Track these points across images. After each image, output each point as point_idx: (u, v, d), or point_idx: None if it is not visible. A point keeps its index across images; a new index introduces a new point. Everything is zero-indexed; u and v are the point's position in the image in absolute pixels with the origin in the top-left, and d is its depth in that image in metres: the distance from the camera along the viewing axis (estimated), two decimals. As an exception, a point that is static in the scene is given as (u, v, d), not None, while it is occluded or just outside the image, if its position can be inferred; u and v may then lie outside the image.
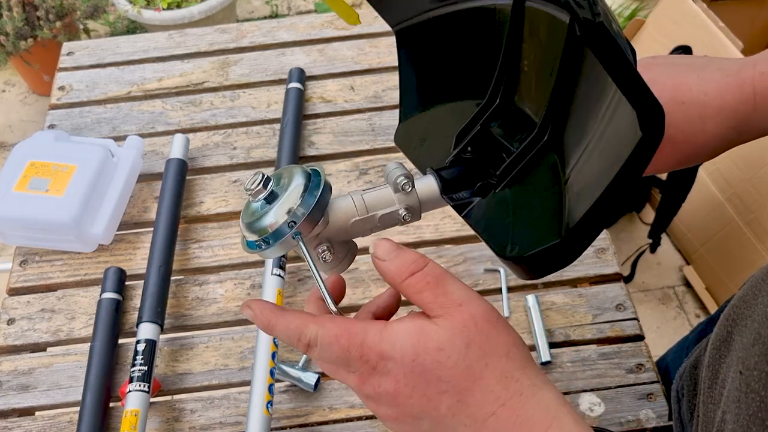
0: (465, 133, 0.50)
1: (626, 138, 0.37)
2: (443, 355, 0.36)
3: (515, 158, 0.46)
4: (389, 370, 0.37)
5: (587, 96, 0.42)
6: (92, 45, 1.08)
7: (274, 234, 0.42)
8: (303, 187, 0.42)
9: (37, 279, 0.83)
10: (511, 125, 0.48)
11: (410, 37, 0.55)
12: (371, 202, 0.45)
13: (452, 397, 0.37)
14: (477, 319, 0.37)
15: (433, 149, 0.52)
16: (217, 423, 0.72)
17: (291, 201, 0.41)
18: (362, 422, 0.71)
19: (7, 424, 0.73)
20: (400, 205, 0.45)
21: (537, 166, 0.45)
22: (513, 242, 0.44)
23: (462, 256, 0.82)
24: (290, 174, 0.43)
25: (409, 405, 0.37)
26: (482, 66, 0.51)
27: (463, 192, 0.48)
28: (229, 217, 0.87)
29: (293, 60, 1.04)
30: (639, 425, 0.70)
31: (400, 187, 0.44)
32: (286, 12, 2.52)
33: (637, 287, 1.76)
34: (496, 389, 0.37)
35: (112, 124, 0.97)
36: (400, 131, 0.57)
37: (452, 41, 0.53)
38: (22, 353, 0.77)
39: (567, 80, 0.42)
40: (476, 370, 0.36)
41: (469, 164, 0.49)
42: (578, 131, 0.43)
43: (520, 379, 0.37)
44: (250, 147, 0.94)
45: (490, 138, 0.49)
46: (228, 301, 0.80)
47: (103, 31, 2.31)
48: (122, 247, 0.85)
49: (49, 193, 0.81)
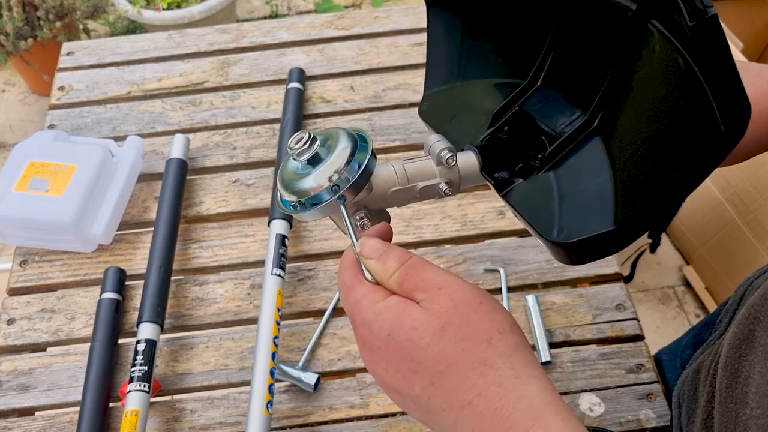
0: (502, 112, 0.49)
1: (705, 132, 0.36)
2: (416, 334, 0.35)
3: (563, 142, 0.45)
4: (366, 338, 0.37)
5: (650, 85, 0.40)
6: (92, 45, 1.08)
7: (315, 197, 0.40)
8: (350, 151, 0.41)
9: (37, 279, 0.83)
10: (550, 108, 0.47)
11: (447, 6, 0.54)
12: (413, 172, 0.44)
13: (425, 379, 0.35)
14: (457, 302, 0.36)
15: (464, 126, 0.51)
16: (217, 423, 0.72)
17: (336, 165, 0.40)
18: (362, 422, 0.71)
19: (7, 424, 0.73)
20: (441, 178, 0.45)
21: (585, 152, 0.45)
22: (561, 226, 0.43)
23: (462, 256, 0.82)
24: (336, 136, 0.42)
25: (386, 378, 0.37)
26: (524, 45, 0.50)
27: (503, 172, 0.47)
28: (229, 217, 0.87)
29: (293, 60, 1.04)
30: (639, 425, 0.70)
31: (444, 161, 0.44)
32: (286, 12, 2.51)
33: (637, 287, 1.76)
34: (471, 376, 0.35)
35: (112, 124, 0.97)
36: (425, 105, 0.56)
37: (493, 15, 0.52)
38: (22, 353, 0.77)
39: (625, 68, 0.41)
40: (450, 354, 0.35)
41: (507, 144, 0.48)
42: (636, 120, 0.42)
43: (501, 368, 0.35)
44: (250, 147, 0.94)
45: (527, 119, 0.48)
46: (228, 301, 0.80)
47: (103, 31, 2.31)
48: (122, 247, 0.85)
49: (49, 193, 0.81)
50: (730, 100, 0.35)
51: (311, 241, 0.84)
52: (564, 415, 0.34)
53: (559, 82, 0.48)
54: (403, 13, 1.09)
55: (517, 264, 0.81)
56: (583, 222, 0.42)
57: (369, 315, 0.37)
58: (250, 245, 0.84)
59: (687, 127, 0.38)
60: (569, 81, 0.48)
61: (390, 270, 0.38)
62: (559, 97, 0.48)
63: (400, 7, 1.10)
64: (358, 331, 0.38)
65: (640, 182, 0.41)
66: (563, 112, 0.47)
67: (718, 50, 0.34)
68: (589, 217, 0.42)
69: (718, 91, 0.35)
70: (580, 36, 0.46)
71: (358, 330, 0.38)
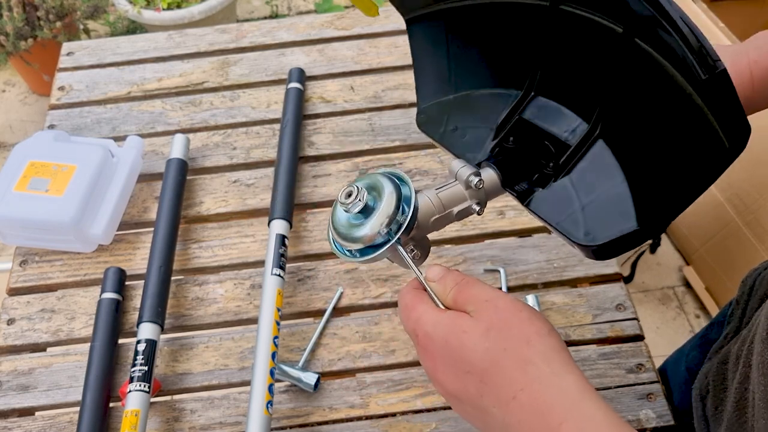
0: (505, 123, 0.53)
1: (709, 147, 0.40)
2: (466, 337, 0.40)
3: (573, 150, 0.48)
4: (427, 348, 0.43)
5: (649, 97, 0.44)
6: (92, 45, 1.08)
7: (373, 244, 0.45)
8: (396, 196, 0.45)
9: (37, 279, 0.83)
10: (549, 115, 0.51)
11: (428, 24, 0.57)
12: (447, 200, 0.48)
13: (476, 377, 0.40)
14: (500, 311, 0.41)
15: (468, 137, 0.55)
16: (217, 423, 0.72)
17: (388, 212, 0.44)
18: (362, 422, 0.71)
19: (7, 424, 0.73)
20: (472, 200, 0.49)
21: (593, 158, 0.48)
22: (586, 229, 0.47)
23: (462, 256, 0.82)
24: (379, 183, 0.46)
25: (446, 383, 0.42)
26: (513, 57, 0.53)
27: (522, 183, 0.51)
28: (229, 217, 0.87)
29: (293, 60, 1.04)
30: (639, 425, 0.70)
31: (473, 185, 0.47)
32: (286, 12, 2.52)
33: (637, 287, 1.76)
34: (514, 374, 0.39)
35: (112, 124, 0.97)
36: (422, 117, 0.59)
37: (478, 30, 0.54)
38: (22, 353, 0.77)
39: (623, 81, 0.45)
40: (494, 353, 0.39)
41: (518, 154, 0.52)
42: (640, 127, 0.46)
43: (540, 366, 0.39)
44: (250, 147, 0.94)
45: (530, 128, 0.51)
46: (228, 301, 0.80)
47: (103, 32, 2.31)
48: (122, 247, 0.85)
49: (49, 193, 0.81)
50: (733, 127, 0.38)
51: (311, 241, 0.84)
52: (599, 403, 0.38)
53: (553, 90, 0.51)
54: (403, 13, 1.09)
55: (517, 264, 0.81)
56: (607, 224, 0.46)
57: (428, 327, 0.42)
58: (250, 245, 0.84)
59: (691, 139, 0.42)
60: (564, 89, 0.51)
61: (447, 289, 0.44)
62: (555, 104, 0.51)
63: (400, 8, 1.10)
64: (420, 343, 0.43)
65: (652, 184, 0.44)
66: (563, 119, 0.50)
67: (726, 95, 0.38)
68: (611, 218, 0.45)
69: (724, 121, 0.39)
70: (571, 47, 0.49)
71: (420, 343, 0.43)
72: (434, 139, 0.58)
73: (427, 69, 0.60)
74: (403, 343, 0.76)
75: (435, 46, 0.59)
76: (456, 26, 0.56)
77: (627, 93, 0.46)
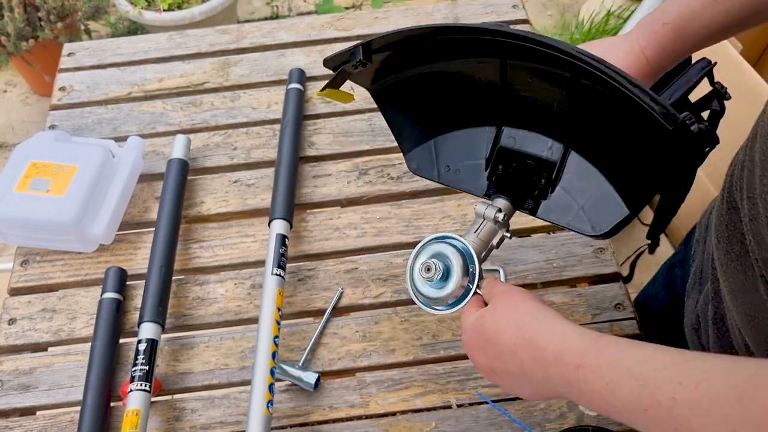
0: (490, 154, 0.64)
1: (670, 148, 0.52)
2: (484, 321, 0.53)
3: (559, 166, 0.61)
4: (467, 339, 0.55)
5: (604, 113, 0.56)
6: (93, 46, 1.08)
7: (460, 298, 0.57)
8: (461, 256, 0.58)
9: (38, 279, 0.83)
10: (522, 140, 0.63)
11: (397, 87, 0.67)
12: (486, 237, 0.60)
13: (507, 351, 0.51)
14: (505, 296, 0.54)
15: (462, 173, 0.67)
16: (218, 422, 0.72)
17: (460, 273, 0.57)
18: (362, 421, 0.72)
19: (8, 423, 0.73)
20: (501, 231, 0.61)
21: (573, 167, 0.60)
22: (592, 224, 0.60)
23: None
24: (441, 250, 0.58)
25: (482, 362, 0.54)
26: (481, 100, 0.64)
27: (528, 201, 0.63)
28: (229, 217, 0.88)
29: (293, 61, 1.04)
30: (638, 424, 0.70)
31: (500, 221, 0.60)
32: (286, 13, 2.52)
33: (636, 288, 1.75)
34: (511, 339, 0.51)
35: (112, 124, 0.98)
36: (412, 163, 0.69)
37: (446, 85, 0.65)
38: (23, 353, 0.78)
39: (578, 106, 0.57)
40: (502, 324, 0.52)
41: (513, 178, 0.63)
42: (603, 137, 0.58)
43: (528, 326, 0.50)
44: (250, 147, 0.94)
45: (513, 154, 0.63)
46: (228, 301, 0.80)
47: (104, 32, 2.31)
48: (123, 247, 0.85)
49: (50, 194, 0.81)
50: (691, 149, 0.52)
51: (311, 241, 0.85)
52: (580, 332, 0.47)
53: (521, 119, 0.62)
54: (402, 14, 1.09)
55: (516, 264, 0.81)
56: (606, 215, 0.59)
57: (467, 324, 0.55)
58: (250, 245, 0.85)
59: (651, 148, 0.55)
60: (530, 117, 0.62)
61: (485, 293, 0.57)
62: (525, 131, 0.63)
63: (399, 8, 1.11)
64: (464, 338, 0.56)
65: (628, 176, 0.58)
66: (537, 141, 0.62)
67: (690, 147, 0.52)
68: (608, 210, 0.59)
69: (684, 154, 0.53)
70: (526, 86, 0.60)
71: (464, 338, 0.56)
72: (433, 180, 0.68)
73: (402, 124, 0.69)
74: (403, 343, 0.76)
75: (404, 104, 0.68)
76: (418, 84, 0.65)
77: (584, 113, 0.57)
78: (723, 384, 0.37)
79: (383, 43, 0.59)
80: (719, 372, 0.38)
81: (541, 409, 0.71)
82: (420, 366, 0.75)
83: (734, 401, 0.36)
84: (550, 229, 0.84)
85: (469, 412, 0.72)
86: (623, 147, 0.57)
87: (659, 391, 0.39)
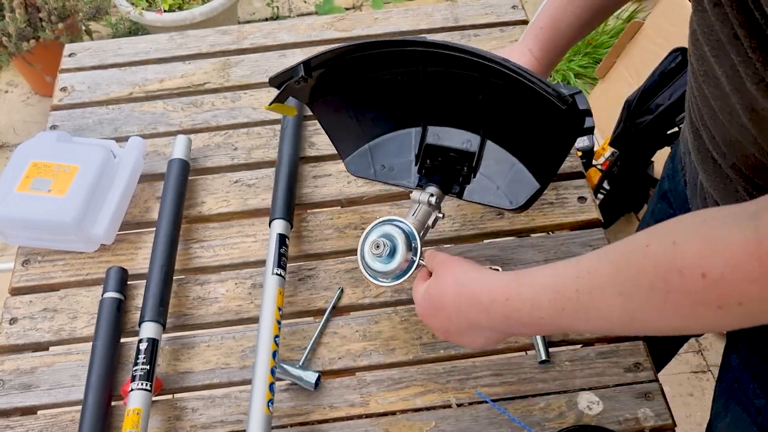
0: (418, 152, 0.75)
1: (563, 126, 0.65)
2: (431, 289, 0.61)
3: (478, 155, 0.73)
4: (420, 306, 0.63)
5: (511, 106, 0.68)
6: (94, 46, 1.09)
7: (404, 271, 0.66)
8: (404, 235, 0.65)
9: (39, 279, 0.83)
10: (445, 136, 0.75)
11: (330, 100, 0.75)
12: (422, 218, 0.69)
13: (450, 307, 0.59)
14: (444, 262, 0.62)
15: (396, 170, 0.77)
16: (219, 421, 0.72)
17: (404, 248, 0.65)
18: (362, 420, 0.72)
19: (10, 423, 0.73)
20: (435, 212, 0.71)
21: (489, 154, 0.73)
22: (510, 199, 0.72)
23: (462, 256, 0.82)
24: (388, 231, 0.66)
25: (434, 323, 0.62)
26: (406, 105, 0.74)
27: (455, 186, 0.74)
28: (230, 217, 0.88)
29: (294, 61, 1.04)
30: (637, 424, 0.70)
31: (433, 203, 0.70)
32: (286, 14, 2.52)
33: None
34: (455, 298, 0.59)
35: (113, 124, 0.98)
36: (351, 166, 0.79)
37: (374, 93, 0.75)
38: (25, 352, 0.78)
39: (490, 101, 0.69)
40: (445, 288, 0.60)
41: (440, 169, 0.74)
42: (511, 125, 0.71)
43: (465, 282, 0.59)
44: (251, 147, 0.94)
45: (437, 149, 0.75)
46: (229, 301, 0.81)
47: (105, 33, 2.32)
48: (124, 247, 0.85)
49: (51, 194, 0.81)
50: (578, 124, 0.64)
51: (312, 241, 0.85)
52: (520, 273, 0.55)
53: (442, 118, 0.74)
54: (402, 14, 1.10)
55: (515, 263, 0.82)
56: (520, 191, 0.71)
57: (417, 296, 0.63)
58: (251, 245, 0.85)
59: (550, 128, 0.66)
60: (449, 115, 0.74)
61: (428, 263, 0.65)
62: (446, 128, 0.74)
63: (399, 9, 1.11)
64: (418, 310, 0.63)
65: (540, 154, 0.70)
66: (457, 136, 0.74)
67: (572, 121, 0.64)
68: (521, 187, 0.71)
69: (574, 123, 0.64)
70: (445, 88, 0.70)
71: (418, 309, 0.63)
72: (370, 178, 0.79)
73: (338, 131, 0.78)
74: (403, 342, 0.77)
75: (338, 113, 0.77)
76: (351, 95, 0.75)
77: (495, 107, 0.69)
78: (605, 263, 0.47)
79: (321, 60, 0.68)
80: (600, 256, 0.48)
81: (540, 408, 0.72)
82: (420, 365, 0.75)
83: (615, 272, 0.46)
84: (550, 229, 0.85)
85: (469, 411, 0.72)
86: (529, 131, 0.69)
87: (566, 289, 0.49)
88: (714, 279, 0.40)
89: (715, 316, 0.42)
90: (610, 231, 1.59)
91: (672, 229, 0.44)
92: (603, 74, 1.91)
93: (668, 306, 0.43)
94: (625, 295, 0.45)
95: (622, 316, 0.46)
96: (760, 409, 0.66)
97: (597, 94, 1.94)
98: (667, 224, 0.45)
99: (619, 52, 1.83)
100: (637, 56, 1.76)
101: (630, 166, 1.61)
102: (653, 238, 0.45)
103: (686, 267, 0.42)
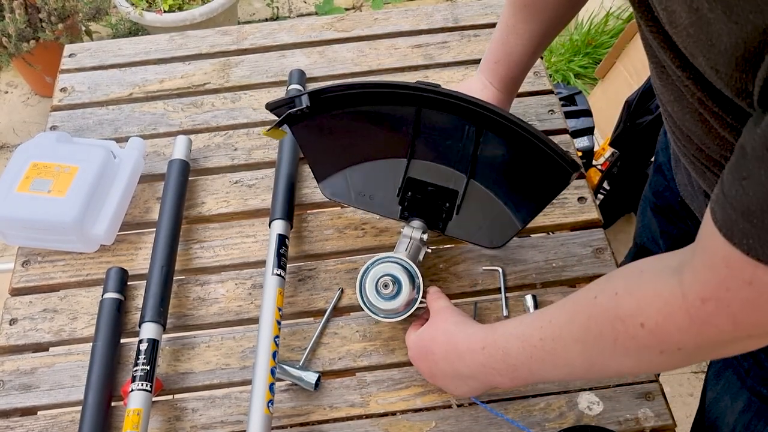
0: (402, 184, 0.76)
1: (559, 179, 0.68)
2: (423, 335, 0.67)
3: (462, 193, 0.75)
4: (412, 355, 0.69)
5: (505, 159, 0.72)
6: (94, 47, 1.09)
7: (409, 306, 0.71)
8: (407, 272, 0.70)
9: (39, 279, 0.83)
10: (429, 172, 0.75)
11: (313, 123, 0.75)
12: (414, 253, 0.73)
13: (438, 355, 0.65)
14: (436, 314, 0.68)
15: (376, 199, 0.78)
16: (219, 422, 0.72)
17: (409, 286, 0.70)
18: (362, 421, 0.72)
19: (10, 423, 0.73)
20: (423, 246, 0.75)
21: (473, 194, 0.75)
22: (491, 239, 0.75)
23: (461, 256, 0.82)
24: (391, 269, 0.70)
25: (423, 368, 0.67)
26: (393, 136, 0.75)
27: (439, 222, 0.76)
28: (230, 218, 0.88)
29: (294, 62, 1.04)
30: (637, 424, 0.70)
31: (422, 241, 0.74)
32: (286, 14, 2.52)
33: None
34: (443, 347, 0.64)
35: (114, 125, 0.98)
36: (327, 190, 0.80)
37: (360, 123, 0.75)
38: (25, 353, 0.78)
39: (480, 146, 0.72)
40: (437, 336, 0.66)
41: (422, 203, 0.76)
42: (497, 172, 0.73)
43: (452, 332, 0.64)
44: (251, 148, 0.94)
45: (420, 183, 0.76)
46: (229, 301, 0.81)
47: (105, 33, 2.32)
48: (124, 248, 0.85)
49: (51, 194, 0.81)
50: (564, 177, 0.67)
51: (312, 242, 0.85)
52: (503, 324, 0.60)
53: (428, 154, 0.75)
54: (402, 15, 1.10)
55: (515, 264, 0.82)
56: (503, 230, 0.74)
57: (409, 341, 0.69)
58: (251, 245, 0.85)
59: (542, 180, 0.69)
60: (436, 153, 0.74)
61: (428, 302, 0.71)
62: (432, 163, 0.75)
63: (399, 9, 1.11)
64: (410, 353, 0.69)
65: (523, 198, 0.72)
66: (441, 172, 0.75)
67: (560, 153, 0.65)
68: (504, 228, 0.74)
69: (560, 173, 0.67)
70: (435, 127, 0.72)
71: (409, 353, 0.69)
72: (348, 204, 0.80)
73: (317, 153, 0.79)
74: (403, 343, 0.76)
75: (320, 137, 0.77)
76: (338, 122, 0.75)
77: (485, 153, 0.72)
78: (562, 313, 0.53)
79: (330, 94, 0.70)
80: (559, 307, 0.54)
81: (540, 409, 0.72)
82: (420, 366, 0.75)
83: (569, 321, 0.52)
84: (550, 229, 0.85)
85: (469, 411, 0.72)
86: (517, 179, 0.72)
87: (532, 337, 0.55)
88: (651, 328, 0.45)
89: (660, 360, 0.47)
90: (610, 231, 1.60)
91: (615, 281, 0.50)
92: (603, 74, 1.91)
93: (618, 350, 0.48)
94: (582, 342, 0.51)
95: (583, 362, 0.52)
96: (748, 370, 0.67)
97: (597, 94, 1.94)
98: (612, 276, 0.51)
99: (619, 52, 1.83)
100: (637, 56, 1.76)
101: (630, 166, 1.61)
102: (600, 290, 0.51)
103: (627, 316, 0.46)
